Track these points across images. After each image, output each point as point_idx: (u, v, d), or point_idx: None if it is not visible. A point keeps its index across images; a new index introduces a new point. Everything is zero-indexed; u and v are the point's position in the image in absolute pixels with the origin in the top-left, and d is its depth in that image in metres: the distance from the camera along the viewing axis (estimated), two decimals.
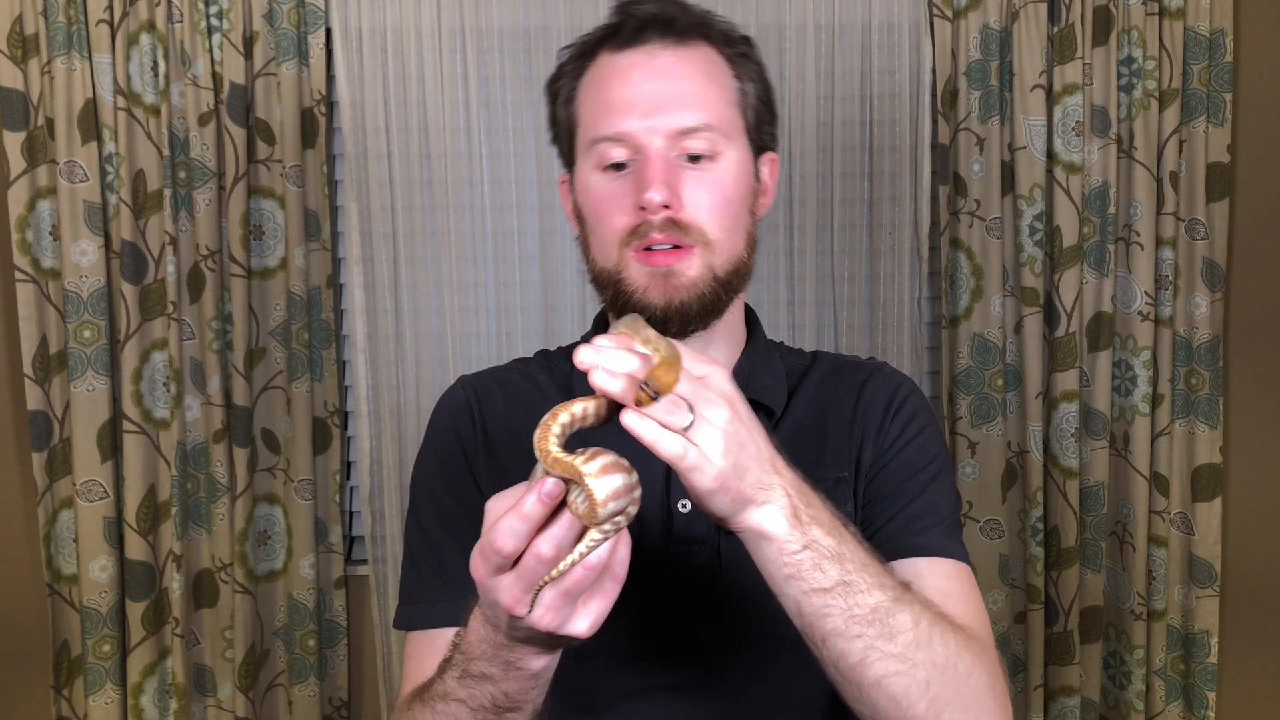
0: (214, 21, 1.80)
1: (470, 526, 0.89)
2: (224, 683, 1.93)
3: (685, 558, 0.87)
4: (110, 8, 1.77)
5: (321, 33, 1.83)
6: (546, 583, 0.62)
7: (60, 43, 1.76)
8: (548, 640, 0.66)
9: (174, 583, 1.86)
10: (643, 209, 0.83)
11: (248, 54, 1.81)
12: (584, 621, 0.64)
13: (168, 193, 1.81)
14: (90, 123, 1.79)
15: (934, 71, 1.91)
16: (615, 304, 0.88)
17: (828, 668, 0.72)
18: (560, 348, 1.02)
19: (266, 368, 1.89)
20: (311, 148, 1.85)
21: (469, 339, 1.93)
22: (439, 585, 0.90)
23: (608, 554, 0.62)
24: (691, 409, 0.63)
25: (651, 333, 0.67)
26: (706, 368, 0.66)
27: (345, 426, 1.99)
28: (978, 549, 1.97)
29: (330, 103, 1.90)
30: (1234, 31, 1.92)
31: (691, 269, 0.85)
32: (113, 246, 1.83)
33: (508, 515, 0.61)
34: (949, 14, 1.88)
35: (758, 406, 0.91)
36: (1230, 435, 2.03)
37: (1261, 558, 2.06)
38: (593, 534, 0.61)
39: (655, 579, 0.85)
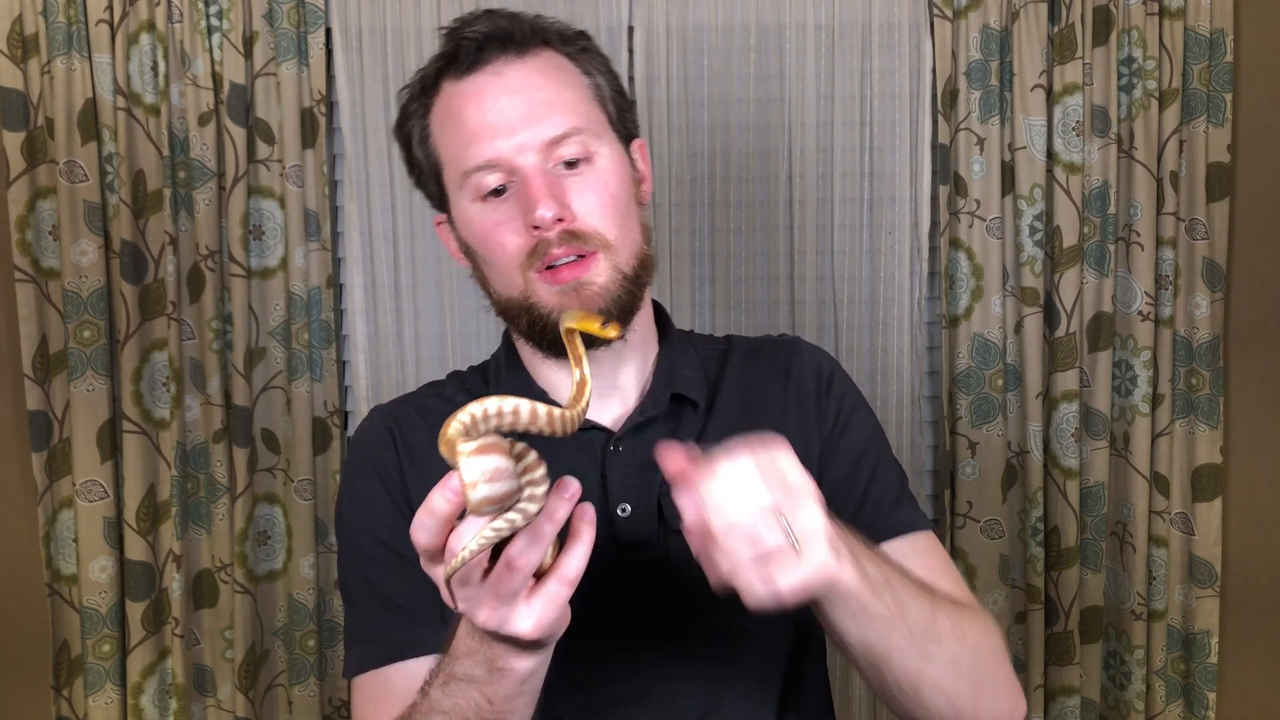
0: (214, 21, 1.80)
1: (412, 554, 0.89)
2: (224, 683, 1.93)
3: (631, 563, 0.85)
4: (110, 8, 1.77)
5: (321, 33, 1.83)
6: (449, 576, 0.60)
7: (60, 43, 1.76)
8: (507, 638, 0.63)
9: (174, 583, 1.86)
10: (536, 228, 0.81)
11: (248, 54, 1.81)
12: (526, 621, 0.61)
13: (168, 193, 1.81)
14: (90, 123, 1.79)
15: (934, 71, 1.91)
16: (532, 330, 0.86)
17: (888, 685, 0.73)
18: (471, 367, 1.01)
19: (266, 368, 1.89)
20: (311, 148, 1.85)
21: (469, 339, 1.93)
22: (386, 620, 0.86)
23: (535, 555, 0.59)
24: (787, 520, 0.60)
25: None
26: (777, 463, 0.62)
27: (345, 426, 1.99)
28: (978, 549, 1.97)
29: (330, 103, 1.89)
30: (1234, 31, 1.92)
31: (600, 275, 0.83)
32: (113, 246, 1.83)
33: (420, 510, 0.59)
34: (949, 14, 1.88)
35: (682, 400, 0.91)
36: (1230, 435, 2.03)
37: (1261, 558, 2.06)
38: (485, 529, 0.57)
39: (601, 589, 0.81)
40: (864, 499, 0.89)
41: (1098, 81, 1.90)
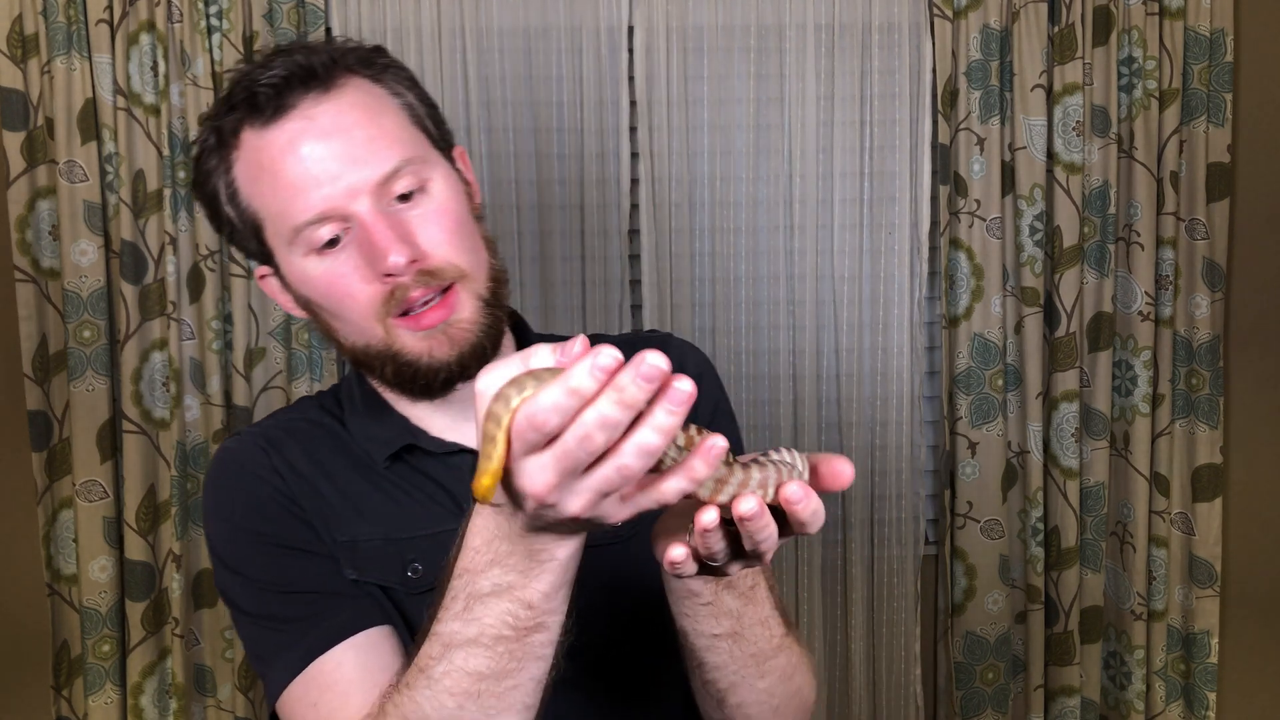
0: (214, 21, 1.80)
1: (307, 544, 0.82)
2: (224, 683, 1.93)
3: (596, 553, 0.75)
4: (110, 8, 1.77)
5: (321, 33, 1.83)
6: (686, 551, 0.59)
7: (60, 43, 1.76)
8: (574, 524, 0.57)
9: (174, 583, 1.86)
10: (389, 275, 0.76)
11: (248, 54, 1.81)
12: (624, 511, 0.55)
13: (167, 192, 1.81)
14: (90, 123, 1.79)
15: (934, 71, 1.91)
16: (400, 378, 0.81)
17: (694, 678, 0.76)
18: (321, 393, 0.95)
19: (266, 368, 1.89)
20: None
21: None
22: (309, 619, 0.79)
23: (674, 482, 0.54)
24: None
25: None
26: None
27: None
28: (978, 549, 1.97)
29: None
30: (1234, 31, 1.92)
31: (465, 310, 0.79)
32: (113, 246, 1.83)
33: (554, 387, 0.50)
34: (949, 14, 1.88)
35: None
36: (1230, 435, 2.03)
37: (1261, 558, 2.06)
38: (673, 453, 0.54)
39: None
40: None
41: (1098, 81, 1.90)
